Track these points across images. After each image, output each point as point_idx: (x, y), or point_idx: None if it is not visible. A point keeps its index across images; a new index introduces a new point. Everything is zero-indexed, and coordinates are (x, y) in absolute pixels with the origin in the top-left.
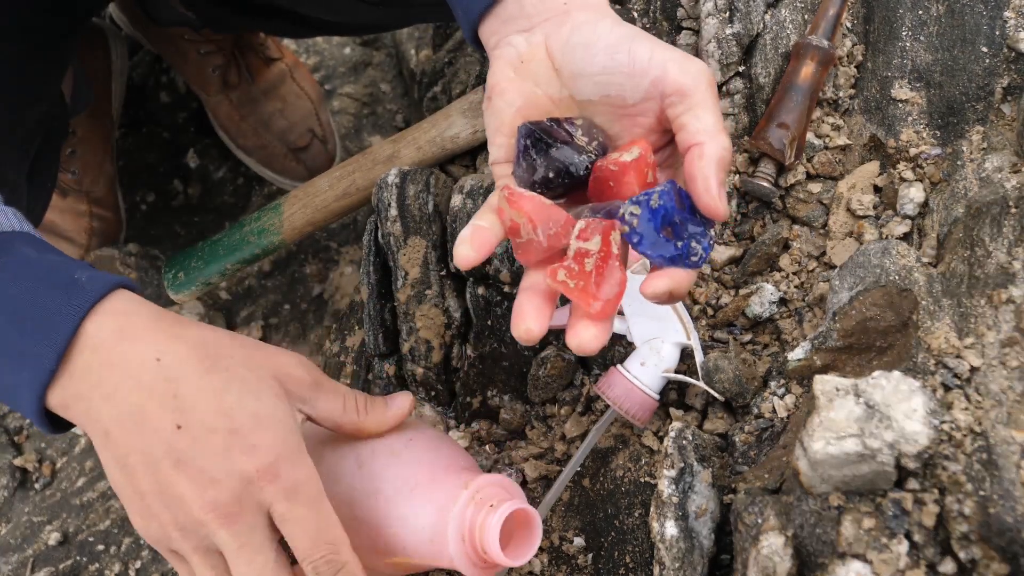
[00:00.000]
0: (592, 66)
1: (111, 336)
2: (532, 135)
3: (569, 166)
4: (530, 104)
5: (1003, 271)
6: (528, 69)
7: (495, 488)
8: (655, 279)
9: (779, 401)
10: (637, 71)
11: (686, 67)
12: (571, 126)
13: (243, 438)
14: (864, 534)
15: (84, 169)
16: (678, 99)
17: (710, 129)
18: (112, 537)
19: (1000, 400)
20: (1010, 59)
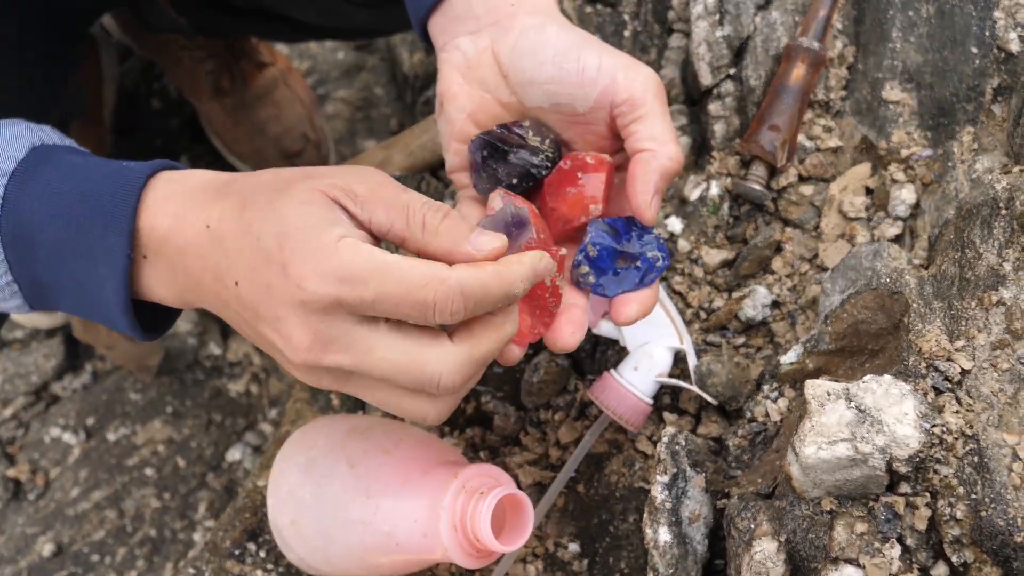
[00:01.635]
0: (540, 75)
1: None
2: (487, 146)
3: (530, 168)
4: (480, 109)
5: (993, 273)
6: (476, 74)
7: (484, 477)
8: (623, 307)
9: (772, 404)
10: (586, 80)
11: (634, 76)
12: (521, 129)
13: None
14: (856, 539)
15: None
16: (628, 108)
17: (659, 137)
18: (107, 547)
19: (991, 403)
20: (1000, 60)
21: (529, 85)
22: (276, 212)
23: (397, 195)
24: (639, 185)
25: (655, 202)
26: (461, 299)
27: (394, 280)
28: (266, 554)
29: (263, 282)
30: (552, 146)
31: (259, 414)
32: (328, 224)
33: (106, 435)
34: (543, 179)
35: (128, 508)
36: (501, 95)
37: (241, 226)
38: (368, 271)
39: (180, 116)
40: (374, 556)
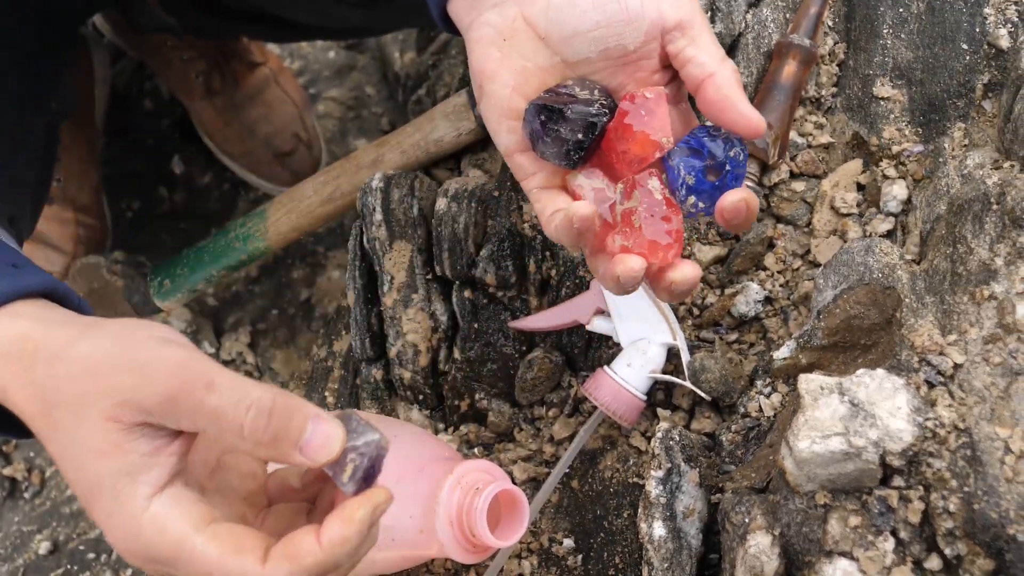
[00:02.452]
0: (585, 23)
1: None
2: (543, 110)
3: (590, 119)
4: (524, 80)
5: (985, 268)
6: (512, 45)
7: (479, 472)
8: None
9: (765, 400)
10: (633, 15)
11: (679, 1)
12: (567, 88)
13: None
14: (850, 532)
15: (68, 177)
16: (679, 33)
17: (716, 57)
18: (103, 545)
19: (983, 396)
20: (990, 56)
21: (573, 38)
22: (78, 463)
23: (200, 402)
24: (733, 108)
25: (752, 109)
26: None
27: (200, 569)
28: None
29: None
30: (602, 94)
31: None
32: (130, 482)
33: None
34: (604, 127)
35: None
36: (541, 60)
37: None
38: (173, 555)
39: (172, 116)
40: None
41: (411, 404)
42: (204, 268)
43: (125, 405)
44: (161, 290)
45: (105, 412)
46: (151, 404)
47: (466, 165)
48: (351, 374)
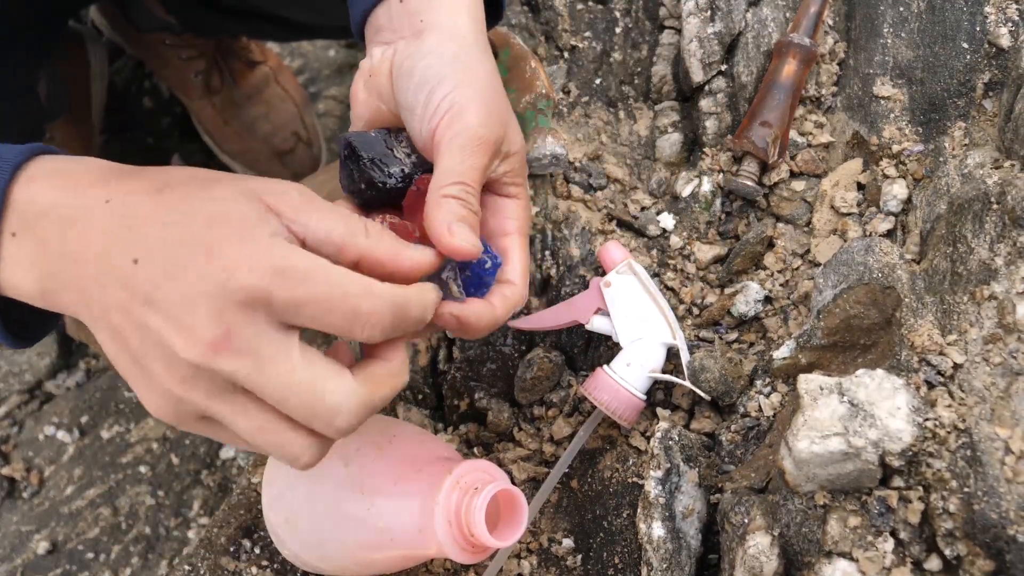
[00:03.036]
0: (403, 98)
1: (54, 197)
2: (349, 147)
3: (377, 180)
4: (374, 119)
5: (985, 267)
6: (373, 83)
7: (478, 472)
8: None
9: (765, 400)
10: (426, 117)
11: (453, 120)
12: (396, 138)
13: (218, 254)
14: (850, 532)
15: None
16: (436, 154)
17: (434, 186)
18: (101, 545)
19: (983, 397)
20: (991, 55)
21: (399, 106)
22: (209, 196)
23: (331, 206)
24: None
25: (452, 232)
26: (390, 315)
27: (331, 283)
28: (261, 550)
29: (177, 263)
30: (415, 163)
31: None
32: (263, 221)
33: (100, 433)
34: (396, 190)
35: (122, 506)
36: (393, 107)
37: (158, 204)
38: (306, 269)
39: (171, 115)
40: (369, 552)
41: (410, 404)
42: None
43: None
44: None
45: (253, 186)
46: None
47: None
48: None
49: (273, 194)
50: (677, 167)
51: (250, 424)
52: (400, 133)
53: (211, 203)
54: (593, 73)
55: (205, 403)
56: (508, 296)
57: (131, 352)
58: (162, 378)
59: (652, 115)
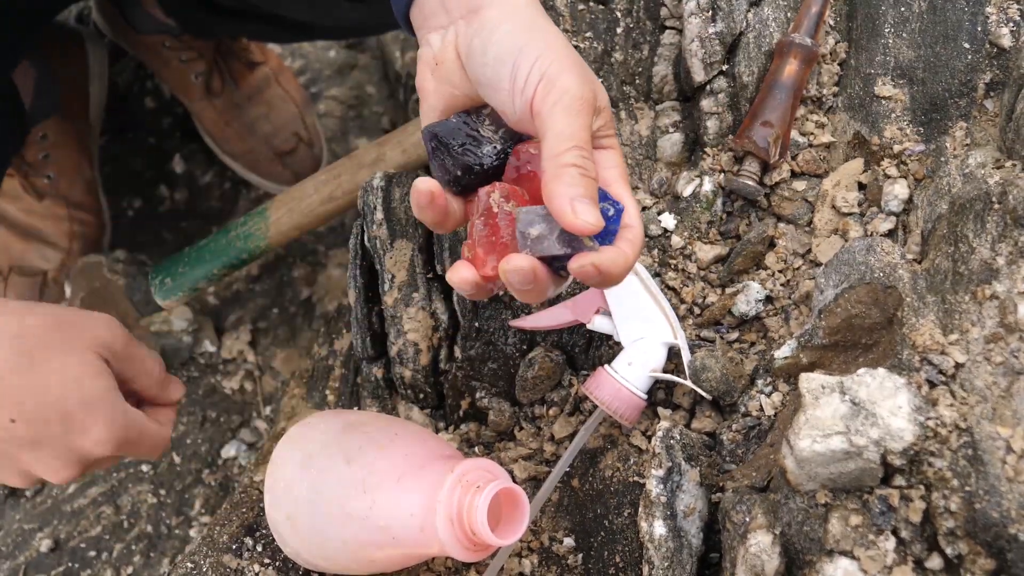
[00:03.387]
0: (482, 76)
1: None
2: (435, 138)
3: (473, 162)
4: (450, 107)
5: (987, 267)
6: (442, 71)
7: (480, 471)
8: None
9: (766, 399)
10: (516, 90)
11: (550, 87)
12: (478, 118)
13: (76, 422)
14: (851, 531)
15: (60, 173)
16: (539, 123)
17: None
18: (103, 543)
19: (985, 396)
20: (992, 55)
21: (477, 84)
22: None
23: (137, 351)
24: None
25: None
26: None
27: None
28: (263, 548)
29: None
30: (505, 137)
31: (253, 411)
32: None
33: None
34: (493, 168)
35: (124, 504)
36: (468, 91)
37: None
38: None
39: (173, 115)
40: (371, 550)
41: (412, 403)
42: (205, 266)
43: (105, 348)
44: (162, 288)
45: (92, 349)
46: (119, 352)
47: None
48: (352, 373)
49: (105, 348)
50: (678, 167)
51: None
52: (480, 112)
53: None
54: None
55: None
56: (633, 239)
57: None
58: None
59: (653, 115)
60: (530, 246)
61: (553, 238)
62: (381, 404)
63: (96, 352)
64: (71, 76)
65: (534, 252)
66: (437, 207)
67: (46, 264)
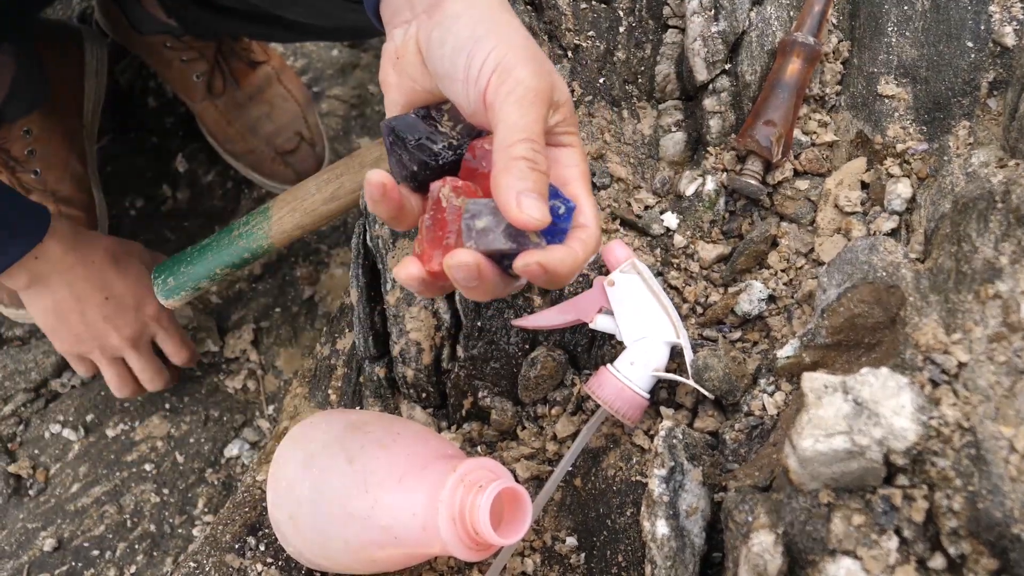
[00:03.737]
0: (440, 68)
1: (64, 251)
2: (392, 132)
3: (428, 158)
4: (411, 102)
5: (990, 266)
6: (403, 65)
7: (482, 471)
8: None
9: (769, 399)
10: (469, 81)
11: (504, 77)
12: (438, 113)
13: (140, 304)
14: (854, 531)
15: (46, 168)
16: (491, 115)
17: (500, 144)
18: (107, 542)
19: (988, 395)
20: (996, 53)
21: (435, 77)
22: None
23: None
24: (501, 198)
25: (520, 202)
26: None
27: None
28: (266, 548)
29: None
30: (462, 133)
31: (256, 410)
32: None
33: (105, 431)
34: (448, 164)
35: (127, 503)
36: (428, 85)
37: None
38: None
39: (175, 114)
40: (373, 550)
41: (414, 402)
42: (207, 266)
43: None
44: (164, 288)
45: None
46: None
47: None
48: (354, 372)
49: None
50: (681, 166)
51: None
52: (440, 108)
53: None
54: (597, 72)
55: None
56: (586, 240)
57: (71, 329)
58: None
59: (656, 114)
60: (475, 239)
61: (499, 232)
62: (383, 404)
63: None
64: (64, 72)
65: (479, 246)
66: (390, 200)
67: None
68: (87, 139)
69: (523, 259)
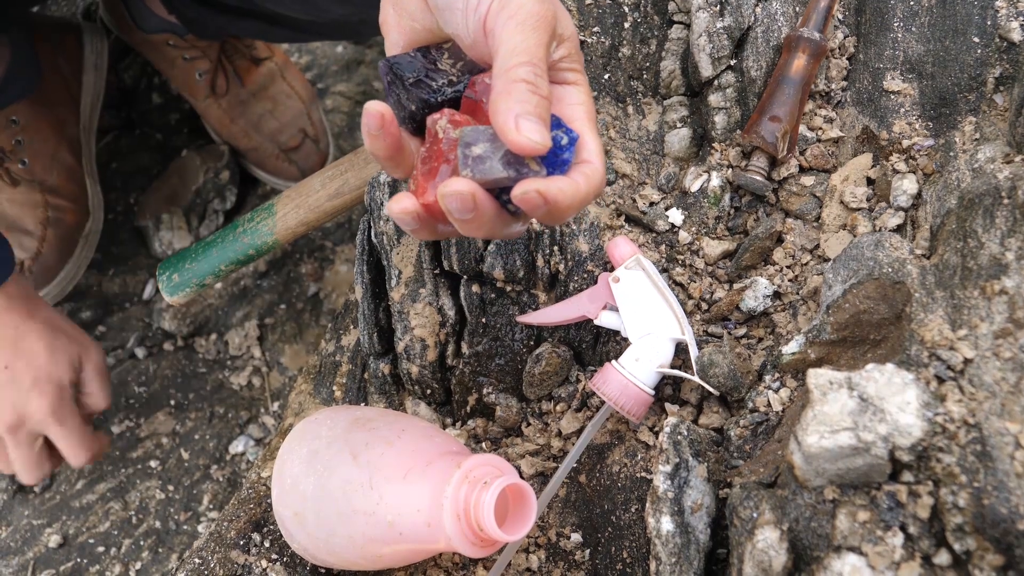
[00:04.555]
0: (440, 2)
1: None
2: (390, 71)
3: (428, 96)
4: (412, 41)
5: (996, 262)
6: (402, 5)
7: (487, 467)
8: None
9: (774, 395)
10: (469, 9)
11: (505, 2)
12: (438, 52)
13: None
14: (859, 527)
15: (34, 157)
16: (492, 41)
17: (499, 68)
18: (112, 539)
19: (994, 391)
20: (1002, 49)
21: (436, 11)
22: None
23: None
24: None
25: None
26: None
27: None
28: (270, 544)
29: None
30: (463, 70)
31: (261, 407)
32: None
33: (110, 428)
34: (448, 101)
35: (133, 500)
36: (428, 23)
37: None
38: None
39: (180, 111)
40: (377, 546)
41: (419, 399)
42: (211, 263)
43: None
44: (169, 284)
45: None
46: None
47: None
48: (359, 369)
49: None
50: (686, 162)
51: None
52: (440, 47)
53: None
54: (602, 68)
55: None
56: (590, 174)
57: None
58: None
59: (661, 110)
60: (471, 167)
61: (496, 159)
62: (388, 400)
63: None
64: (58, 64)
65: (475, 175)
66: (389, 136)
67: (22, 253)
68: (84, 132)
69: (521, 187)
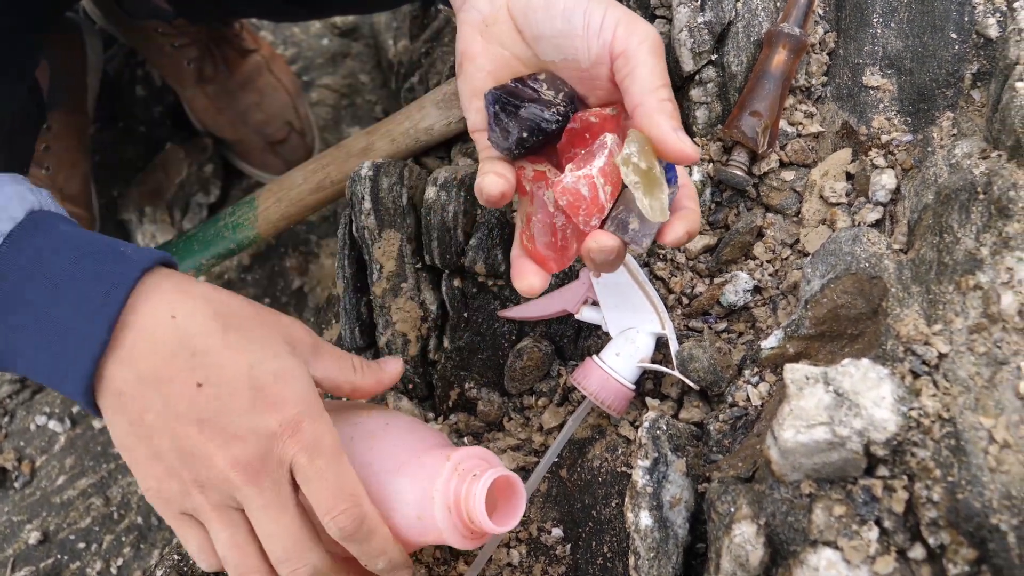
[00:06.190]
0: (550, 29)
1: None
2: (499, 100)
3: (540, 123)
4: (500, 67)
5: (971, 257)
6: (493, 32)
7: (476, 459)
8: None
9: (753, 389)
10: (591, 35)
11: (632, 29)
12: (535, 82)
13: (266, 395)
14: (835, 521)
15: (58, 166)
16: (623, 63)
17: (647, 88)
18: (93, 535)
19: (968, 386)
20: (979, 45)
21: (541, 40)
22: (272, 351)
23: (329, 348)
24: (657, 135)
25: (682, 136)
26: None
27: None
28: None
29: (245, 401)
30: (565, 100)
31: None
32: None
33: (92, 423)
34: (554, 132)
35: (114, 495)
36: (518, 51)
37: (223, 342)
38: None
39: (164, 103)
40: None
41: (400, 393)
42: (193, 256)
43: (293, 339)
44: None
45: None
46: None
47: (456, 154)
48: None
49: (293, 339)
50: None
51: (231, 539)
52: (535, 77)
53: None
54: None
55: (205, 509)
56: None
57: (155, 448)
58: (182, 477)
59: None
60: (631, 237)
61: (643, 232)
62: None
63: (284, 340)
64: (73, 68)
65: (628, 240)
66: (507, 199)
67: None
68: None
69: (674, 234)
